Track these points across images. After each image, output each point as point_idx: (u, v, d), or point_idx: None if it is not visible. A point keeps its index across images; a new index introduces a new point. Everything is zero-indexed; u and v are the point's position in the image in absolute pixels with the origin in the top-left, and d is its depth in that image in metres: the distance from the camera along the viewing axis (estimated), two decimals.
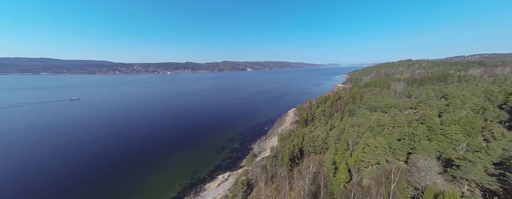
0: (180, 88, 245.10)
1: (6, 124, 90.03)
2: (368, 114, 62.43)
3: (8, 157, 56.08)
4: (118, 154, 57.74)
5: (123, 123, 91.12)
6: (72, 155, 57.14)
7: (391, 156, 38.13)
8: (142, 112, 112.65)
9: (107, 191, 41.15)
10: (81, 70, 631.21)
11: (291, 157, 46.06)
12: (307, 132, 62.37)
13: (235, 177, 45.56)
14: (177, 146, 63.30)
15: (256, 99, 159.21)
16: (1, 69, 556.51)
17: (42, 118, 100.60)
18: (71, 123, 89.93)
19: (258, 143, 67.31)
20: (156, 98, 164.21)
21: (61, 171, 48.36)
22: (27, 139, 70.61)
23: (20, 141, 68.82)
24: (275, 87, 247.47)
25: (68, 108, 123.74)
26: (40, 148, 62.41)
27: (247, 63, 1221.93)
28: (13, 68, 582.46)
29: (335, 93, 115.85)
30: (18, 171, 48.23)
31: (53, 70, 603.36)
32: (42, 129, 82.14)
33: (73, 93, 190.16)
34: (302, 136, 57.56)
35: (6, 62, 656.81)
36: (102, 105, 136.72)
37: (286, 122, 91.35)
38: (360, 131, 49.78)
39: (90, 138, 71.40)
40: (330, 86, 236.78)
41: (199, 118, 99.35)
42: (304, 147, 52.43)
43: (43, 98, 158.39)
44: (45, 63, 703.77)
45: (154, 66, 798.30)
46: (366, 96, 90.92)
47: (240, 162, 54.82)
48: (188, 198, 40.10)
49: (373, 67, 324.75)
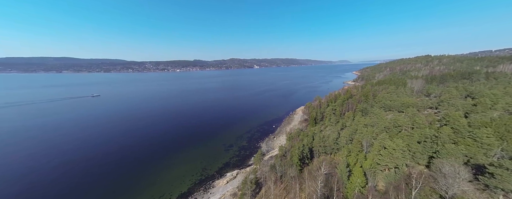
0: (189, 86, 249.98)
1: (41, 117, 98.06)
2: (383, 114, 58.92)
3: (41, 147, 60.64)
4: (133, 149, 60.10)
5: (138, 119, 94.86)
6: (92, 149, 60.41)
7: (410, 160, 35.53)
8: (154, 109, 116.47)
9: (122, 184, 42.92)
10: (98, 68, 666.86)
11: (300, 157, 44.83)
12: (317, 132, 60.50)
13: (243, 175, 45.43)
14: (187, 143, 64.52)
15: (263, 96, 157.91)
16: (29, 68, 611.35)
17: (70, 112, 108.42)
18: (94, 118, 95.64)
19: (266, 141, 66.62)
20: (167, 96, 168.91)
21: (82, 163, 51.31)
22: (57, 131, 76.27)
23: (52, 133, 74.29)
24: (283, 84, 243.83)
25: (90, 104, 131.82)
26: (69, 142, 66.78)
27: (254, 60, 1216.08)
28: (40, 66, 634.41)
29: (345, 91, 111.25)
30: (46, 161, 52.01)
31: (73, 68, 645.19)
32: (70, 123, 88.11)
33: (93, 90, 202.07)
34: (311, 135, 55.88)
35: (34, 61, 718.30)
36: (119, 101, 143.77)
37: (295, 121, 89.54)
38: (374, 131, 47.07)
39: (108, 133, 75.30)
40: (340, 83, 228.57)
41: (207, 115, 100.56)
42: (314, 147, 50.83)
43: (69, 95, 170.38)
44: (67, 62, 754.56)
45: (164, 64, 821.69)
46: (380, 95, 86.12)
47: (248, 160, 54.61)
48: (198, 194, 40.68)
49: (386, 64, 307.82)
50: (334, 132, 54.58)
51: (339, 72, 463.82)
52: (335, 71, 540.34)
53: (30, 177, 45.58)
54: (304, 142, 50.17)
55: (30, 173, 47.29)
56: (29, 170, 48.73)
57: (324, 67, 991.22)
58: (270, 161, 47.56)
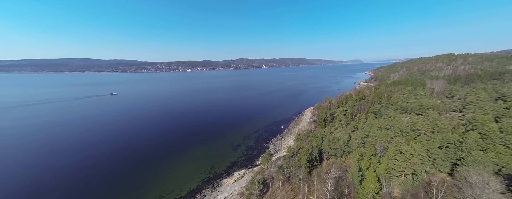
0: (198, 86, 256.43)
1: (66, 114, 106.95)
2: (399, 116, 55.54)
3: (65, 142, 66.09)
4: (146, 145, 62.99)
5: (151, 117, 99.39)
6: (109, 145, 64.34)
7: (430, 166, 33.02)
8: (166, 108, 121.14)
9: (136, 178, 45.09)
10: (115, 69, 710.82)
11: (309, 159, 43.78)
12: (327, 133, 58.75)
13: (251, 175, 45.44)
14: (196, 140, 66.10)
15: (271, 97, 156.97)
16: (57, 68, 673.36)
17: (91, 110, 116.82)
18: (112, 116, 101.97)
19: (274, 142, 66.06)
20: (177, 95, 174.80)
21: (99, 158, 54.87)
22: (79, 127, 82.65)
23: (75, 130, 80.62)
24: (291, 84, 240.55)
25: (109, 102, 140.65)
26: (88, 137, 72.02)
27: (262, 60, 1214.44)
28: (66, 67, 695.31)
29: (357, 92, 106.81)
30: (68, 156, 56.55)
31: (94, 69, 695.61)
32: (91, 120, 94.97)
33: (112, 89, 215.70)
34: (321, 137, 54.39)
35: (61, 62, 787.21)
36: (135, 100, 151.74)
37: (303, 122, 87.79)
38: (389, 135, 44.54)
39: (124, 130, 79.84)
40: (351, 84, 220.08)
41: (215, 115, 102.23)
42: (323, 149, 49.41)
43: (91, 93, 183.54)
44: (89, 63, 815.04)
45: (175, 64, 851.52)
46: (395, 96, 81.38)
47: (256, 160, 54.53)
48: (207, 191, 41.46)
49: (402, 63, 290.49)
50: (345, 134, 52.60)
51: (351, 72, 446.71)
52: (346, 71, 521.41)
53: (53, 169, 49.63)
54: (313, 143, 48.93)
55: (53, 165, 51.54)
56: (52, 163, 53.10)
57: (335, 67, 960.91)
58: (278, 162, 47.04)
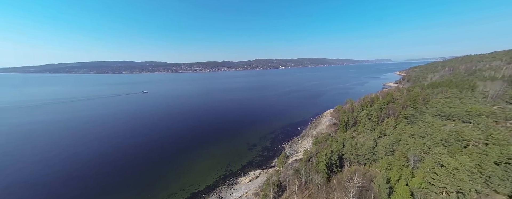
0: (217, 85, 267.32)
1: (105, 108, 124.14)
2: (439, 123, 47.96)
3: (106, 132, 76.88)
4: (170, 139, 68.44)
5: (175, 113, 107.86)
6: (138, 138, 71.99)
7: (482, 185, 27.48)
8: (188, 105, 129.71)
9: (159, 170, 49.27)
10: (146, 70, 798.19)
11: (328, 164, 41.21)
12: (348, 138, 54.59)
13: (266, 176, 45.08)
14: (214, 138, 68.84)
15: (288, 97, 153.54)
16: (102, 70, 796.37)
17: (126, 106, 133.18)
18: (142, 112, 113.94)
19: (290, 144, 64.32)
20: (197, 94, 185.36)
21: (127, 150, 61.80)
22: (119, 120, 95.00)
23: (114, 122, 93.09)
24: (310, 85, 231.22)
25: (141, 99, 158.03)
26: (122, 131, 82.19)
27: (279, 60, 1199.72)
28: (108, 68, 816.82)
29: (385, 94, 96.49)
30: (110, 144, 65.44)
31: (130, 69, 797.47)
32: (125, 114, 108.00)
33: (143, 87, 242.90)
34: (341, 141, 50.79)
35: (104, 64, 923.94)
36: (162, 97, 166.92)
37: (322, 124, 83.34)
38: (425, 144, 38.81)
39: (151, 125, 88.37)
40: (377, 85, 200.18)
41: (232, 114, 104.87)
42: (344, 154, 45.98)
43: (126, 91, 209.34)
44: (125, 65, 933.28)
45: (196, 65, 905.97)
46: (434, 99, 70.76)
47: (271, 161, 53.91)
48: (223, 188, 42.72)
49: (444, 62, 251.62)
50: (370, 140, 47.96)
51: (377, 73, 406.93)
52: (372, 71, 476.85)
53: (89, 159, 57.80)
54: (333, 148, 45.97)
55: (95, 151, 60.08)
56: (87, 155, 61.89)
57: (358, 67, 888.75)
58: (294, 165, 45.60)
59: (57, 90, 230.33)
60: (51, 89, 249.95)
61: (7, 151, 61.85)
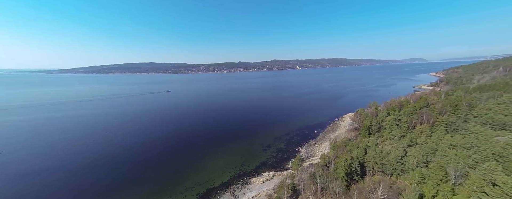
0: (233, 86, 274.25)
1: (134, 105, 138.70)
2: (490, 133, 40.54)
3: (131, 128, 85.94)
4: (188, 136, 72.79)
5: (194, 112, 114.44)
6: (160, 134, 78.39)
7: None
8: (206, 104, 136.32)
9: (176, 165, 52.70)
10: (169, 70, 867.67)
11: (347, 172, 38.59)
12: (372, 145, 50.29)
13: (280, 178, 44.44)
14: (229, 137, 70.76)
15: (305, 99, 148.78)
16: (132, 70, 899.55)
17: (152, 103, 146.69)
18: (166, 109, 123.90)
19: (306, 147, 62.14)
20: (214, 93, 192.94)
21: (148, 145, 67.61)
22: (145, 117, 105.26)
23: (139, 119, 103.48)
24: (328, 87, 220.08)
25: (165, 98, 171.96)
26: (148, 126, 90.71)
27: (296, 61, 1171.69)
28: (138, 69, 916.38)
29: (417, 97, 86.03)
30: (135, 138, 72.88)
31: (155, 70, 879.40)
32: (151, 112, 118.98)
33: (167, 87, 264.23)
34: (363, 148, 47.02)
35: (134, 66, 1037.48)
36: (183, 96, 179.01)
37: (341, 128, 78.48)
38: (471, 157, 33.25)
39: (173, 122, 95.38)
40: (408, 88, 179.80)
41: (248, 114, 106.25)
42: (366, 162, 42.51)
43: (152, 90, 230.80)
44: (152, 66, 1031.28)
45: (214, 66, 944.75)
46: (483, 105, 60.21)
47: (286, 163, 52.93)
48: (236, 187, 43.58)
49: (497, 61, 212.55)
50: (398, 149, 43.32)
51: (407, 74, 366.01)
52: (401, 72, 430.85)
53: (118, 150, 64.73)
54: (354, 154, 42.87)
55: (121, 145, 67.34)
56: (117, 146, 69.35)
57: (385, 67, 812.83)
58: (310, 169, 43.87)
59: (98, 88, 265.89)
60: (95, 87, 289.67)
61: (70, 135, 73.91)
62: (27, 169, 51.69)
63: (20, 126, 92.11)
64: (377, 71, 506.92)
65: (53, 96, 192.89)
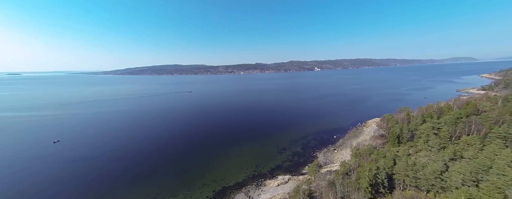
0: (250, 87, 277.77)
1: (159, 104, 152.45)
2: None
3: (155, 125, 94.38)
4: (208, 134, 76.38)
5: (213, 111, 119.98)
6: (183, 130, 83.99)
7: None
8: (224, 104, 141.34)
9: (195, 161, 55.53)
10: (191, 72, 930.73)
11: (372, 183, 35.14)
12: (402, 155, 44.94)
13: (295, 182, 42.95)
14: (245, 137, 71.69)
15: (323, 101, 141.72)
16: (160, 72, 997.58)
17: (175, 102, 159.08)
18: (187, 108, 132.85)
19: (324, 152, 58.83)
20: (232, 94, 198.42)
21: (170, 142, 72.82)
22: (166, 115, 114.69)
23: (163, 117, 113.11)
24: (349, 89, 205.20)
25: (186, 98, 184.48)
26: (171, 124, 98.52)
27: (315, 62, 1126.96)
28: (164, 71, 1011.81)
29: (463, 103, 73.72)
30: (156, 135, 79.73)
31: (179, 72, 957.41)
32: (173, 110, 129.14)
33: (188, 87, 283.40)
34: (392, 158, 42.28)
35: (161, 68, 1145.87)
36: (203, 96, 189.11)
37: (364, 134, 72.09)
38: None
39: (192, 120, 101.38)
40: (449, 91, 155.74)
41: (264, 115, 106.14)
42: (395, 174, 38.07)
43: (175, 90, 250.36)
44: (176, 68, 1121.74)
45: (232, 68, 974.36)
46: None
47: (302, 168, 51.00)
48: (251, 187, 43.75)
49: None
50: (436, 162, 37.64)
51: (449, 75, 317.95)
52: (441, 73, 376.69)
53: (144, 145, 71.12)
54: (380, 164, 38.84)
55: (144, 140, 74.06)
56: (143, 141, 76.26)
57: (420, 68, 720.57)
58: (328, 176, 41.30)
59: (132, 88, 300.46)
60: (129, 87, 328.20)
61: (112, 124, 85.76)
62: (78, 155, 61.26)
63: (74, 119, 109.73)
64: (409, 73, 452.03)
65: (99, 94, 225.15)
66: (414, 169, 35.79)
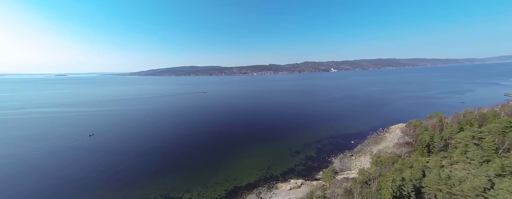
0: (263, 88, 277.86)
1: (178, 103, 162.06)
2: None
3: (172, 124, 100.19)
4: (222, 134, 78.37)
5: (227, 111, 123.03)
6: (199, 129, 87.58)
7: None
8: (238, 105, 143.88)
9: (208, 159, 57.20)
10: (206, 73, 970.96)
11: (396, 195, 31.99)
12: (433, 166, 40.25)
13: (309, 187, 41.42)
14: (257, 138, 71.75)
15: (339, 104, 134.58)
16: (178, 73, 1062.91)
17: (190, 102, 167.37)
18: (203, 108, 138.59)
19: (340, 158, 55.66)
20: (246, 95, 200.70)
21: (186, 140, 76.24)
22: (185, 114, 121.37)
23: (179, 116, 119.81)
24: (369, 91, 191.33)
25: (202, 98, 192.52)
26: (187, 123, 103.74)
27: (331, 63, 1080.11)
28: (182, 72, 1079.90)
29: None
30: (171, 134, 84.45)
31: (195, 73, 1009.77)
32: (189, 110, 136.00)
33: (204, 88, 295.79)
34: (420, 169, 38.12)
35: (179, 69, 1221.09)
36: (218, 97, 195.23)
37: (387, 141, 66.35)
38: None
39: (207, 120, 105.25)
40: (496, 96, 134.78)
41: (276, 116, 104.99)
42: (425, 187, 34.20)
43: (191, 90, 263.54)
44: (193, 69, 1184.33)
45: (245, 69, 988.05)
46: None
47: (315, 173, 49.01)
48: (262, 189, 43.51)
49: None
50: (478, 177, 32.72)
51: (495, 77, 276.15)
52: (484, 74, 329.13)
53: (162, 143, 75.58)
54: (405, 175, 35.29)
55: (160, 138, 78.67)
56: (161, 139, 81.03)
57: (456, 68, 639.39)
58: (345, 184, 38.85)
59: (154, 88, 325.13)
60: (150, 87, 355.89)
61: (133, 123, 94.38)
62: (108, 148, 68.33)
63: (107, 115, 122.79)
64: (441, 74, 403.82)
65: (127, 93, 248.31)
66: (449, 183, 31.61)
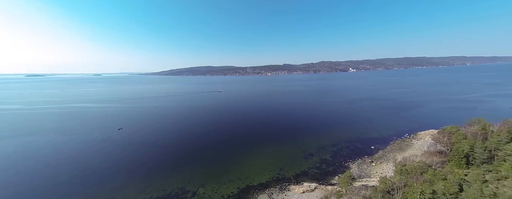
0: (277, 88, 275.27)
1: (194, 102, 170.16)
2: None
3: (189, 121, 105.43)
4: (236, 133, 79.97)
5: (241, 110, 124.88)
6: (215, 127, 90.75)
7: None
8: (251, 105, 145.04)
9: (222, 157, 58.75)
10: (221, 73, 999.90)
11: None
12: (474, 180, 35.31)
13: (323, 192, 39.80)
14: (271, 138, 71.40)
15: (359, 106, 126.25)
16: (194, 73, 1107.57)
17: (206, 101, 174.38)
18: (218, 107, 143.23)
19: (359, 164, 52.21)
20: (260, 95, 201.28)
21: (205, 135, 79.29)
22: (201, 112, 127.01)
23: (195, 114, 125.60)
24: (393, 93, 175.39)
25: (217, 97, 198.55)
26: (203, 121, 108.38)
27: (349, 62, 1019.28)
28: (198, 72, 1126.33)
29: None
30: (186, 130, 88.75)
31: (211, 72, 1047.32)
32: (204, 109, 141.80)
33: (218, 87, 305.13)
34: (456, 182, 33.70)
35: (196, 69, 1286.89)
36: (233, 96, 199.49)
37: (414, 148, 60.16)
38: None
39: (222, 119, 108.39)
40: None
41: (290, 117, 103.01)
42: None
43: (207, 89, 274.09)
44: (208, 69, 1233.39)
45: (259, 69, 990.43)
46: None
47: (330, 177, 46.85)
48: (274, 190, 43.16)
49: None
50: None
51: None
52: None
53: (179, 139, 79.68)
54: (437, 187, 31.53)
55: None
56: (179, 135, 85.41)
57: (505, 67, 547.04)
58: (364, 192, 36.31)
59: (172, 87, 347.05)
60: (168, 86, 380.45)
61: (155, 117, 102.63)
62: (134, 141, 75.00)
63: (133, 110, 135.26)
64: (485, 74, 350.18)
65: (150, 91, 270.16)
66: None
